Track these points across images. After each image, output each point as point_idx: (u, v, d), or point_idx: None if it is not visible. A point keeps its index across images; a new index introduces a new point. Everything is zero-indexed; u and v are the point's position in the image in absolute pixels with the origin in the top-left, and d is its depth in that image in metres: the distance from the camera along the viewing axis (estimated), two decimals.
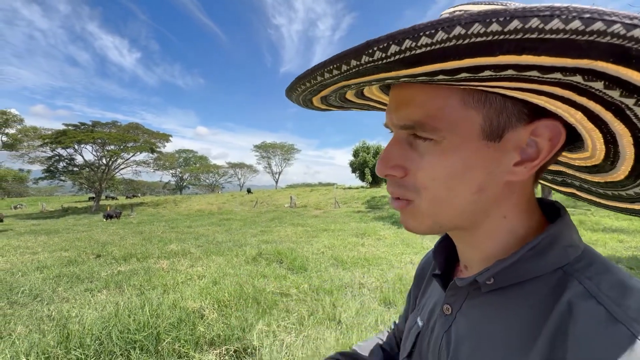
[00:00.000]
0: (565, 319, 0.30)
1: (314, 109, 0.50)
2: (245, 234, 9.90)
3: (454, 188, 0.35)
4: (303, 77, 0.34)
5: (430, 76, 0.27)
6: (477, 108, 0.33)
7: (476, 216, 0.38)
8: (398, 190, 0.38)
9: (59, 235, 10.74)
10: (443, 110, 0.33)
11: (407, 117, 0.35)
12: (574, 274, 0.33)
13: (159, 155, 33.96)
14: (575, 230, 0.38)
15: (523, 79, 0.26)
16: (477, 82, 0.28)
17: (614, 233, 7.62)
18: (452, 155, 0.34)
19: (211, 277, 4.67)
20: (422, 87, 0.34)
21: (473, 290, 0.41)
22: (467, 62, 0.24)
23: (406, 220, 0.40)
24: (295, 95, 0.41)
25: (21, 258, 6.73)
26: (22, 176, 37.43)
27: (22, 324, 3.22)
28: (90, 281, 4.82)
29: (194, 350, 2.64)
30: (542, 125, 0.33)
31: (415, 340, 0.51)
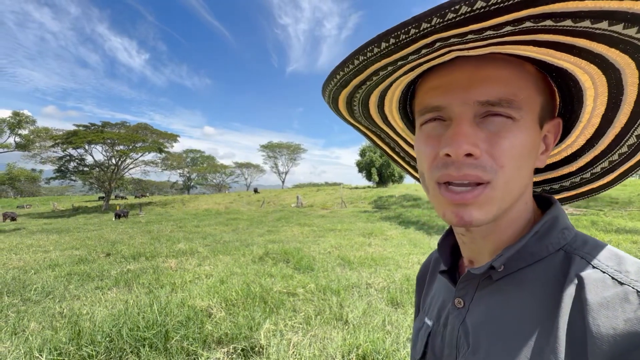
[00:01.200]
0: (578, 289, 0.33)
1: (336, 108, 0.50)
2: (252, 234, 9.95)
3: (521, 168, 0.36)
4: (379, 38, 0.31)
5: (497, 29, 0.27)
6: (541, 95, 0.37)
7: (515, 201, 0.39)
8: (474, 171, 0.35)
9: (70, 234, 10.94)
10: (524, 91, 0.36)
11: (491, 92, 0.34)
12: (575, 252, 0.37)
13: (167, 155, 34.34)
14: (566, 215, 0.42)
15: (575, 31, 0.27)
16: (538, 34, 0.29)
17: (628, 234, 7.44)
18: (525, 134, 0.36)
19: (218, 276, 4.71)
20: (505, 65, 0.35)
21: (483, 280, 0.42)
22: (531, 11, 0.25)
23: (470, 212, 0.36)
24: (333, 85, 0.41)
25: (34, 256, 6.87)
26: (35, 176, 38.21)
27: (35, 321, 3.29)
28: (101, 279, 4.90)
29: (202, 349, 2.66)
30: (555, 123, 0.40)
31: (427, 340, 0.50)
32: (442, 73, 0.38)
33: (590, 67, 0.33)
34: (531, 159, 0.38)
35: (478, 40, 0.30)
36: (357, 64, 0.35)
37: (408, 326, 2.99)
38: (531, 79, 0.36)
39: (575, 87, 0.38)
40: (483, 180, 0.35)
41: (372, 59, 0.34)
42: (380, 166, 34.94)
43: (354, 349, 2.58)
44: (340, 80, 0.40)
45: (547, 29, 0.28)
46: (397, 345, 2.66)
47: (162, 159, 34.55)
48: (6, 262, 6.28)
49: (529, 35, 0.29)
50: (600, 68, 0.33)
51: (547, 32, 0.28)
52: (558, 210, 0.41)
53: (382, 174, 34.99)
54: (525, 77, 0.36)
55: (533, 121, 0.36)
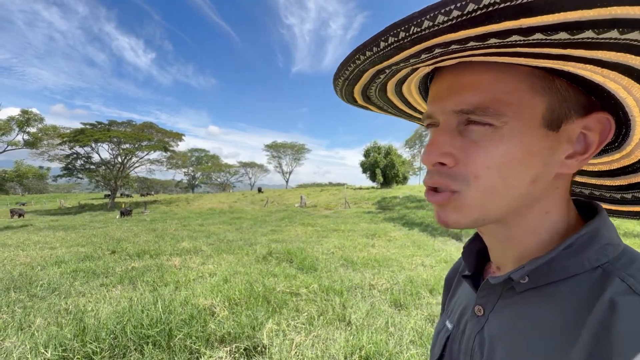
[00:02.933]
0: (608, 316, 0.29)
1: (354, 103, 0.50)
2: (255, 233, 9.97)
3: (509, 177, 0.34)
4: (363, 46, 0.31)
5: (481, 40, 0.26)
6: (543, 95, 0.33)
7: (523, 209, 0.37)
8: (443, 180, 0.35)
9: (76, 231, 11.06)
10: (511, 95, 0.32)
11: (465, 101, 0.34)
12: (615, 272, 0.32)
13: (172, 154, 34.62)
14: (614, 229, 0.37)
15: (578, 42, 0.24)
16: (531, 48, 0.27)
17: (636, 238, 7.34)
18: (511, 141, 0.33)
19: (222, 275, 4.72)
20: (486, 71, 0.33)
21: (506, 290, 0.40)
22: (521, 22, 0.23)
23: (446, 214, 0.37)
24: (342, 78, 0.41)
25: (40, 252, 6.95)
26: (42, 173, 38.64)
27: (41, 317, 3.32)
28: (106, 276, 4.94)
29: (205, 347, 2.66)
30: (594, 119, 0.34)
31: (445, 344, 0.50)
32: (437, 79, 0.38)
33: (586, 66, 0.29)
34: (529, 167, 0.34)
35: (445, 54, 0.29)
36: (356, 66, 0.36)
37: (411, 328, 2.97)
38: (524, 79, 0.32)
39: (588, 81, 0.33)
40: (451, 189, 0.35)
41: (374, 59, 0.33)
42: (384, 167, 34.85)
43: (357, 350, 2.57)
44: (348, 79, 0.40)
45: (539, 43, 0.25)
46: (400, 347, 2.64)
47: (167, 157, 34.84)
48: (13, 258, 6.36)
49: (499, 49, 0.27)
50: (599, 66, 0.29)
51: (538, 47, 0.26)
52: (602, 223, 0.36)
53: (386, 174, 34.90)
54: (513, 78, 0.32)
55: (529, 125, 0.33)
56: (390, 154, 35.50)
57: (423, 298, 3.78)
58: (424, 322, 3.12)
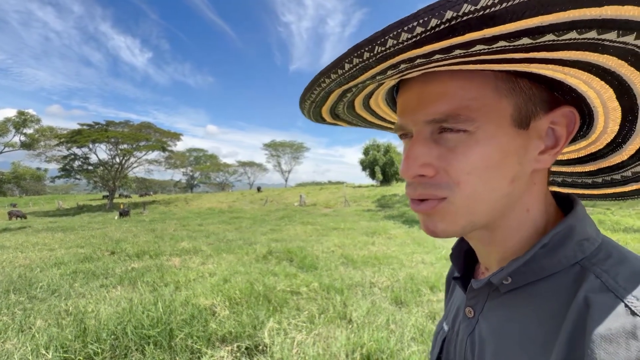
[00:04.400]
0: (583, 314, 0.29)
1: (323, 122, 0.51)
2: (255, 232, 9.97)
3: (490, 180, 0.34)
4: (327, 70, 0.31)
5: (446, 52, 0.26)
6: (508, 96, 0.33)
7: (505, 210, 0.37)
8: (427, 190, 0.35)
9: (75, 232, 11.03)
10: (478, 100, 0.33)
11: (436, 110, 0.34)
12: (591, 268, 0.32)
13: (170, 154, 34.56)
14: (591, 223, 0.37)
15: (540, 46, 0.25)
16: (495, 55, 0.27)
17: (636, 233, 7.38)
18: (487, 144, 0.33)
19: (222, 275, 4.72)
20: (452, 79, 0.33)
21: (493, 291, 0.40)
22: (485, 32, 0.23)
23: (434, 223, 0.36)
24: (309, 105, 0.42)
25: (39, 254, 6.93)
26: (40, 175, 38.51)
27: (42, 318, 3.31)
28: (105, 277, 4.93)
29: (206, 347, 2.66)
30: (560, 113, 0.35)
31: (442, 346, 0.50)
32: (404, 90, 0.38)
33: (543, 65, 0.30)
34: (507, 167, 0.34)
35: (411, 68, 0.29)
36: (325, 86, 0.36)
37: (412, 325, 2.97)
38: (488, 83, 0.33)
39: (548, 78, 0.34)
40: (438, 197, 0.35)
41: (340, 80, 0.34)
42: (383, 165, 34.88)
43: (358, 348, 2.57)
44: (315, 101, 0.41)
45: (481, 52, 0.26)
46: (402, 344, 2.65)
47: (165, 157, 34.79)
48: (12, 260, 6.34)
49: (463, 58, 0.27)
50: (557, 64, 0.29)
51: (501, 53, 0.26)
52: (576, 218, 0.36)
53: (386, 172, 34.93)
54: (478, 84, 0.33)
55: (500, 126, 0.33)
56: (389, 151, 35.53)
57: (424, 295, 3.79)
58: (425, 320, 3.13)
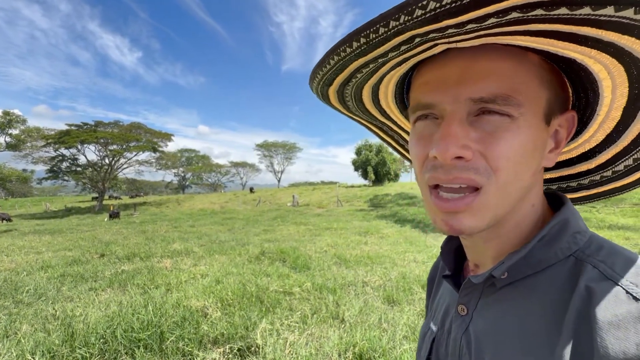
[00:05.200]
0: (586, 303, 0.30)
1: (329, 103, 0.48)
2: (247, 233, 9.91)
3: (520, 170, 0.33)
4: (354, 34, 0.29)
5: (480, 22, 0.25)
6: (547, 88, 0.34)
7: (518, 203, 0.36)
8: (465, 174, 0.33)
9: (63, 235, 10.80)
10: (526, 85, 0.32)
11: (486, 88, 0.31)
12: (587, 259, 0.33)
13: (161, 155, 34.11)
14: (580, 217, 0.39)
15: (574, 19, 0.24)
16: (531, 24, 0.26)
17: (620, 230, 7.57)
18: (526, 132, 0.33)
19: (214, 276, 4.68)
20: (502, 59, 0.32)
21: (487, 287, 0.40)
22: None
23: (460, 220, 0.34)
24: (318, 80, 0.39)
25: (26, 258, 6.76)
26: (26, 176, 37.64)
27: (28, 323, 3.23)
28: (94, 280, 4.84)
29: (198, 349, 2.64)
30: (567, 117, 0.37)
31: (431, 347, 0.49)
32: (435, 66, 0.35)
33: (603, 56, 0.29)
34: (534, 160, 0.34)
35: (461, 33, 0.27)
36: (334, 64, 0.34)
37: (404, 324, 3.00)
38: (535, 71, 0.32)
39: (587, 78, 0.34)
40: (476, 183, 0.33)
41: (348, 59, 0.33)
42: (376, 165, 35.03)
43: (351, 347, 2.58)
44: (322, 79, 0.39)
45: (540, 19, 0.24)
46: (394, 342, 2.67)
47: (156, 158, 34.31)
48: None
49: (520, 25, 0.26)
50: (614, 57, 0.29)
51: (541, 22, 0.25)
52: (569, 212, 0.37)
53: (378, 172, 35.10)
54: (527, 69, 0.32)
55: (536, 118, 0.33)
56: (381, 151, 35.69)
57: (415, 293, 3.82)
58: (417, 318, 3.16)
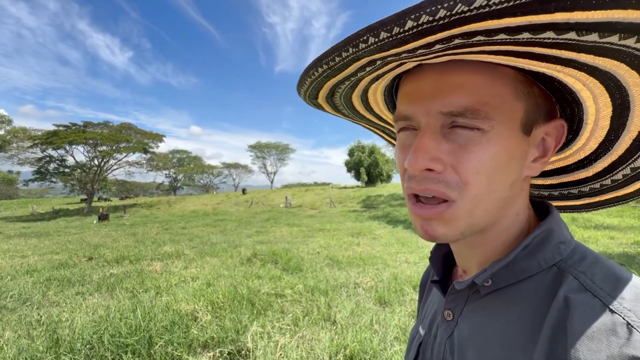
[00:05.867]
0: (563, 314, 0.30)
1: (320, 107, 0.48)
2: (240, 235, 9.84)
3: (495, 182, 0.34)
4: (340, 46, 0.29)
5: (468, 37, 0.25)
6: (523, 99, 0.34)
7: (500, 213, 0.37)
8: (435, 186, 0.34)
9: (50, 238, 10.55)
10: (499, 98, 0.32)
11: (455, 102, 0.32)
12: (568, 270, 0.33)
13: (152, 156, 33.63)
14: (566, 227, 0.39)
15: (562, 43, 0.24)
16: (517, 46, 0.26)
17: (606, 230, 7.73)
18: (498, 145, 0.33)
19: (205, 279, 4.63)
20: (475, 72, 0.32)
21: (473, 293, 0.40)
22: (506, 21, 0.22)
23: (434, 227, 0.35)
24: (306, 88, 0.40)
25: (10, 262, 6.59)
26: (12, 178, 36.73)
27: (11, 329, 3.15)
28: (82, 284, 4.74)
29: (188, 353, 2.60)
30: (553, 125, 0.36)
31: (418, 350, 0.50)
32: (413, 79, 0.36)
33: (570, 70, 0.30)
34: (511, 171, 0.34)
35: (430, 53, 0.28)
36: (310, 82, 0.37)
37: (395, 325, 3.01)
38: (509, 83, 0.33)
39: (564, 88, 0.34)
40: (447, 196, 0.34)
41: (320, 79, 0.35)
42: (368, 166, 35.20)
43: (342, 349, 2.57)
44: (307, 93, 0.41)
45: (505, 42, 0.25)
46: (385, 344, 2.67)
47: (147, 159, 33.80)
48: None
49: (487, 47, 0.26)
50: (587, 73, 0.29)
51: (507, 44, 0.25)
52: (554, 222, 0.37)
53: (371, 173, 35.28)
54: (500, 81, 0.32)
55: (512, 129, 0.33)
56: (374, 152, 35.91)
57: (407, 294, 3.84)
58: (408, 319, 3.17)
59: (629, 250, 5.75)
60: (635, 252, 5.59)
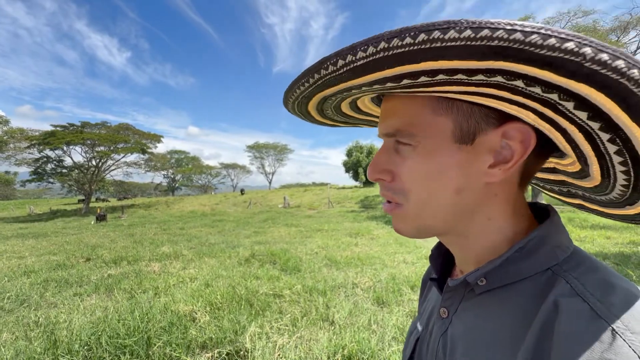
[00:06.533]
0: (551, 317, 0.30)
1: (316, 122, 0.55)
2: (238, 235, 9.83)
3: (433, 189, 0.38)
4: (288, 89, 0.40)
5: (381, 84, 0.32)
6: (446, 114, 0.36)
7: (460, 219, 0.39)
8: (388, 193, 0.41)
9: (48, 239, 10.51)
10: (417, 118, 0.37)
11: (390, 125, 0.39)
12: (562, 274, 0.34)
13: (150, 156, 33.51)
14: (565, 232, 0.39)
15: (455, 82, 0.30)
16: (423, 88, 0.32)
17: (602, 230, 7.77)
18: (427, 158, 0.37)
19: (203, 279, 4.63)
20: (402, 99, 0.38)
21: (468, 292, 0.42)
22: (402, 69, 0.29)
23: (396, 223, 0.42)
24: (290, 106, 0.46)
25: (7, 263, 6.56)
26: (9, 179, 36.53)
27: (8, 331, 3.14)
28: (80, 285, 4.73)
29: (186, 354, 2.60)
30: (512, 129, 0.35)
31: (415, 346, 0.51)
32: (382, 103, 0.43)
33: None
34: (448, 178, 0.36)
35: (385, 90, 0.35)
36: (293, 101, 0.43)
37: (393, 325, 3.02)
38: (428, 104, 0.36)
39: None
40: (395, 201, 0.41)
41: (301, 99, 0.42)
42: (366, 166, 35.17)
43: (340, 349, 2.58)
44: (295, 108, 0.47)
45: (425, 84, 0.31)
46: (383, 344, 2.68)
47: (145, 160, 33.68)
48: None
49: (429, 87, 0.32)
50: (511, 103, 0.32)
51: (425, 87, 0.32)
52: (552, 226, 0.38)
53: None
54: (419, 103, 0.37)
55: (439, 142, 0.36)
56: (372, 153, 35.93)
57: (405, 294, 3.85)
58: (406, 319, 3.18)
59: (625, 249, 5.79)
60: (631, 251, 5.62)
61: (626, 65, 0.23)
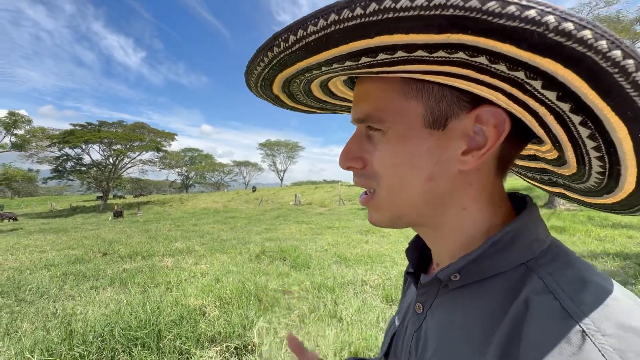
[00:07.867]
0: (522, 314, 0.29)
1: (288, 107, 0.52)
2: (249, 232, 9.94)
3: (405, 176, 0.36)
4: (246, 70, 0.37)
5: (339, 62, 0.30)
6: (416, 98, 0.34)
7: (433, 208, 0.37)
8: (360, 180, 0.40)
9: (67, 234, 10.91)
10: (387, 102, 0.35)
11: (360, 110, 0.37)
12: (536, 269, 0.32)
13: (164, 154, 34.32)
14: (542, 224, 0.37)
15: (416, 59, 0.27)
16: (385, 67, 0.30)
17: (624, 229, 7.48)
18: (397, 143, 0.35)
19: (214, 275, 4.70)
20: (373, 82, 0.36)
21: (442, 287, 0.40)
22: (358, 44, 0.27)
23: (371, 214, 0.41)
24: (254, 89, 0.43)
25: (30, 256, 6.85)
26: (31, 176, 38.06)
27: (29, 321, 3.28)
28: (96, 279, 4.89)
29: (195, 348, 2.65)
30: (485, 112, 0.32)
31: (391, 341, 0.50)
32: (355, 87, 0.41)
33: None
34: (420, 165, 0.34)
35: (358, 67, 0.32)
36: (259, 71, 0.38)
37: None
38: (398, 87, 0.34)
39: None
40: (369, 187, 0.39)
41: (268, 70, 0.37)
42: None
43: (347, 345, 2.58)
44: (259, 82, 0.41)
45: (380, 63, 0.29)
46: None
47: (160, 157, 34.54)
48: (2, 262, 6.26)
49: (402, 66, 0.30)
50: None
51: (379, 66, 0.30)
52: (529, 218, 0.36)
53: None
54: (389, 87, 0.35)
55: (410, 127, 0.34)
56: None
57: None
58: None
59: None
60: None
61: (593, 36, 0.20)
